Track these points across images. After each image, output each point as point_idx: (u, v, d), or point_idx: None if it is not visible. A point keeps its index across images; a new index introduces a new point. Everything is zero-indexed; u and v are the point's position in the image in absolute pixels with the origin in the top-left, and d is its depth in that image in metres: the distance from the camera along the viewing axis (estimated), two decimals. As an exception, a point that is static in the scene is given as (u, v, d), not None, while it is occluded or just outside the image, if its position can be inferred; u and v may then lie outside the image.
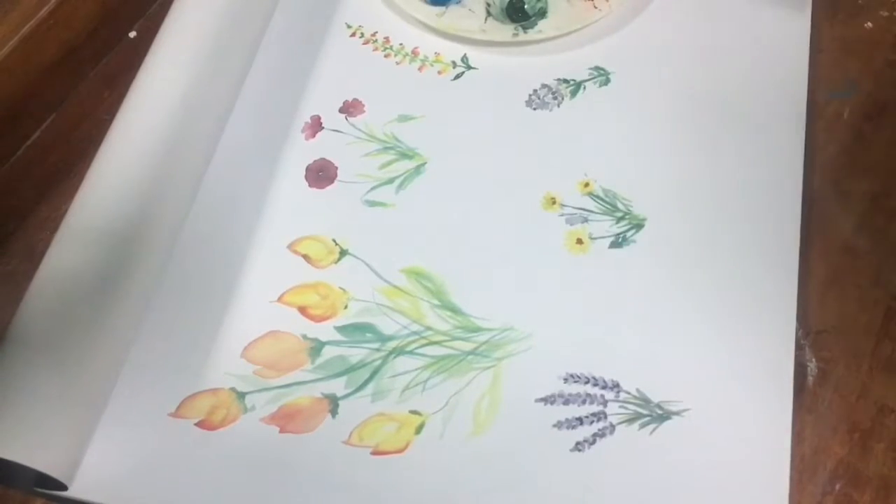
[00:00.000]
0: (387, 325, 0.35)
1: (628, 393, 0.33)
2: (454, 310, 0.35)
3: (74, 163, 0.40)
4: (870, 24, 0.41)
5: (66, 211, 0.34)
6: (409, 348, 0.34)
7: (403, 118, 0.40)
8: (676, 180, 0.37)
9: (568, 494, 0.31)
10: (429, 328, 0.35)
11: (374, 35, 0.43)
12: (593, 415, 0.32)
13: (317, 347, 0.35)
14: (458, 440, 0.32)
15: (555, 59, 0.41)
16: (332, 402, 0.34)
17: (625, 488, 0.31)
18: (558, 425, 0.32)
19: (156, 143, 0.35)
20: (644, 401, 0.32)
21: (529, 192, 0.37)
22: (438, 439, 0.32)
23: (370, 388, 0.34)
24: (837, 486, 0.31)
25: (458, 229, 0.37)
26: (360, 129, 0.40)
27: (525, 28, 0.41)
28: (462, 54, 0.42)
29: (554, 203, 0.37)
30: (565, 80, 0.40)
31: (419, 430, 0.33)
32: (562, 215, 0.37)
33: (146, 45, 0.38)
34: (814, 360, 0.33)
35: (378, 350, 0.34)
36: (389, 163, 0.39)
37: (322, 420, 0.33)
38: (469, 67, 0.41)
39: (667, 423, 0.32)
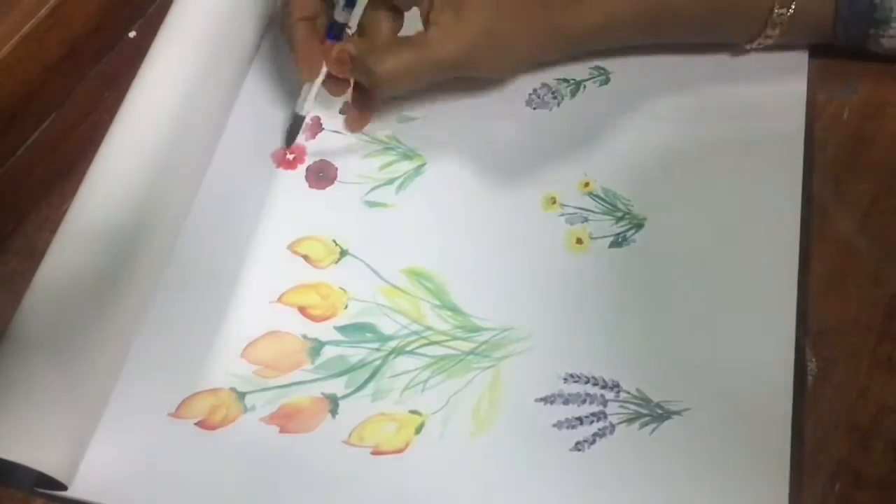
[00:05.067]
0: (387, 325, 0.35)
1: (628, 393, 0.33)
2: (454, 310, 0.35)
3: (74, 163, 0.40)
4: (870, 24, 0.41)
5: (66, 211, 0.34)
6: (409, 348, 0.34)
7: (403, 119, 0.40)
8: (676, 180, 0.37)
9: (568, 494, 0.31)
10: (429, 328, 0.35)
11: (374, 35, 0.42)
12: (593, 414, 0.32)
13: (317, 347, 0.35)
14: (458, 440, 0.32)
15: (555, 59, 0.41)
16: (332, 402, 0.34)
17: (625, 488, 0.31)
18: (558, 425, 0.32)
19: (156, 143, 0.35)
20: (644, 401, 0.32)
21: (529, 191, 0.37)
22: (438, 439, 0.32)
23: (370, 387, 0.34)
24: (837, 486, 0.31)
25: (458, 229, 0.37)
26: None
27: None
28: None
29: (554, 203, 0.37)
30: (565, 80, 0.40)
31: (419, 429, 0.33)
32: (562, 215, 0.37)
33: (146, 45, 0.38)
34: (814, 360, 0.33)
35: (378, 350, 0.34)
36: (389, 163, 0.39)
37: (322, 420, 0.33)
38: (469, 67, 0.41)
39: (667, 423, 0.32)
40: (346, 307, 0.36)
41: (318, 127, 0.41)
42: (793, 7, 0.36)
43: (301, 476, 0.32)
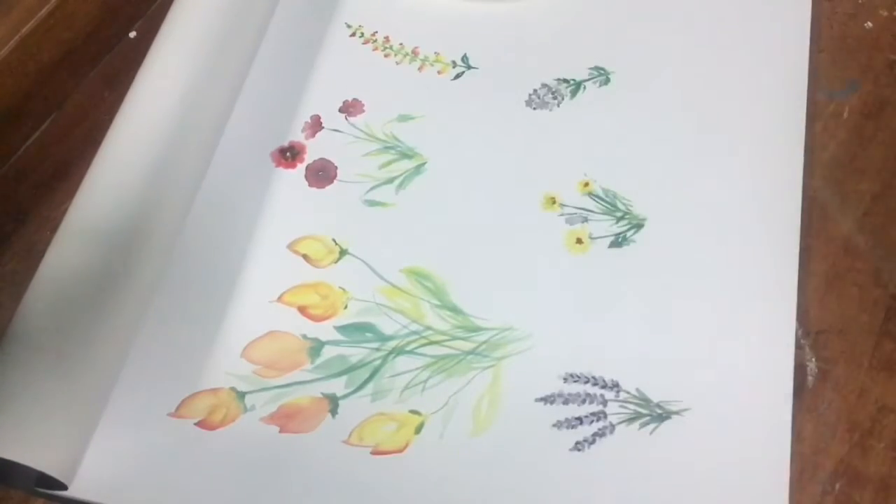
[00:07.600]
0: (387, 325, 0.35)
1: (628, 392, 0.33)
2: (454, 310, 0.35)
3: (74, 163, 0.40)
4: (870, 23, 0.41)
5: (66, 211, 0.34)
6: (408, 348, 0.34)
7: (403, 118, 0.40)
8: (676, 180, 0.37)
9: (568, 494, 0.31)
10: (429, 328, 0.35)
11: (373, 35, 0.43)
12: (593, 414, 0.32)
13: (316, 347, 0.35)
14: (458, 440, 0.32)
15: (555, 59, 0.41)
16: (332, 402, 0.34)
17: (625, 488, 0.31)
18: (558, 425, 0.32)
19: (156, 143, 0.35)
20: (644, 400, 0.32)
21: (529, 191, 0.37)
22: (438, 439, 0.32)
23: (370, 387, 0.34)
24: (837, 486, 0.31)
25: (458, 229, 0.37)
26: (359, 129, 0.40)
27: None
28: (462, 54, 0.42)
29: (554, 203, 0.37)
30: (565, 80, 0.40)
31: (419, 429, 0.33)
32: (562, 215, 0.37)
33: (146, 45, 0.38)
34: (814, 360, 0.33)
35: (378, 350, 0.34)
36: (389, 162, 0.39)
37: (322, 420, 0.33)
38: (469, 67, 0.41)
39: (667, 423, 0.32)
40: (346, 307, 0.36)
41: (318, 125, 0.41)
42: None
43: (301, 476, 0.32)
